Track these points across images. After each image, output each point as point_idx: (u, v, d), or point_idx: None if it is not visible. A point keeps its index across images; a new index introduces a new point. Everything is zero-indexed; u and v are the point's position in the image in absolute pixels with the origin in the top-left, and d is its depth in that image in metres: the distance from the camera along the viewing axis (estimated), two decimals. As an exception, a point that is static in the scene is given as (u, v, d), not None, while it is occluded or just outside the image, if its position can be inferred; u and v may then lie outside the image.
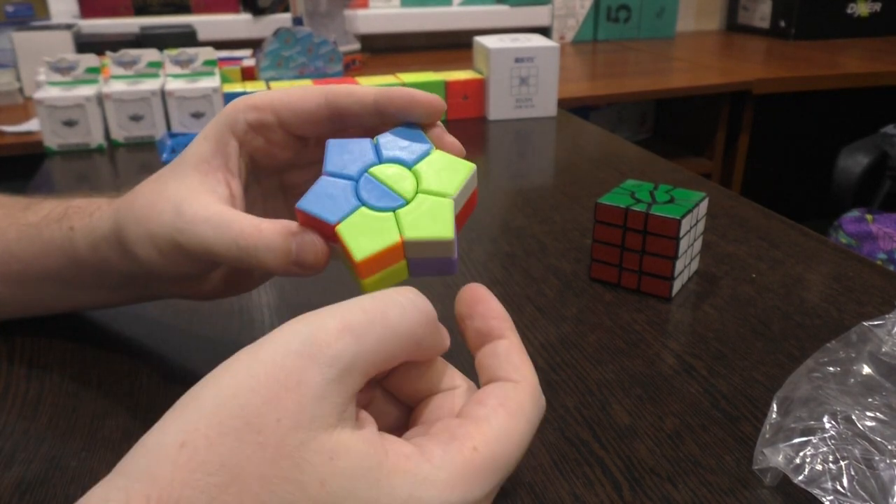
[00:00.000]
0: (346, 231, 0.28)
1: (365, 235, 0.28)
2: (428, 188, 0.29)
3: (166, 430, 0.20)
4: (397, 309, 0.23)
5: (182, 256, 0.32)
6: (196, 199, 0.31)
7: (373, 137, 0.31)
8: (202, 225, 0.31)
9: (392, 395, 0.28)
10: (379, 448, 0.21)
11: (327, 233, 0.29)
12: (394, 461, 0.21)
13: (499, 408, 0.24)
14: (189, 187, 0.32)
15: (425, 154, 0.31)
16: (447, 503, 0.21)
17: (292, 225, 0.29)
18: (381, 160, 0.30)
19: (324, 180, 0.29)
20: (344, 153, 0.31)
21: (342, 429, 0.21)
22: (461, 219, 0.31)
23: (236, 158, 0.33)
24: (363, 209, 0.28)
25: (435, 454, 0.22)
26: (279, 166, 0.36)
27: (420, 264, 0.29)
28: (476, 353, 0.28)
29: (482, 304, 0.28)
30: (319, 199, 0.29)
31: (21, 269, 0.39)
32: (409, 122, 0.32)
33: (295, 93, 0.32)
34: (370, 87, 0.32)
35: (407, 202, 0.29)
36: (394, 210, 0.29)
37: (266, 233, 0.29)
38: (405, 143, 0.31)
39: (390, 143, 0.31)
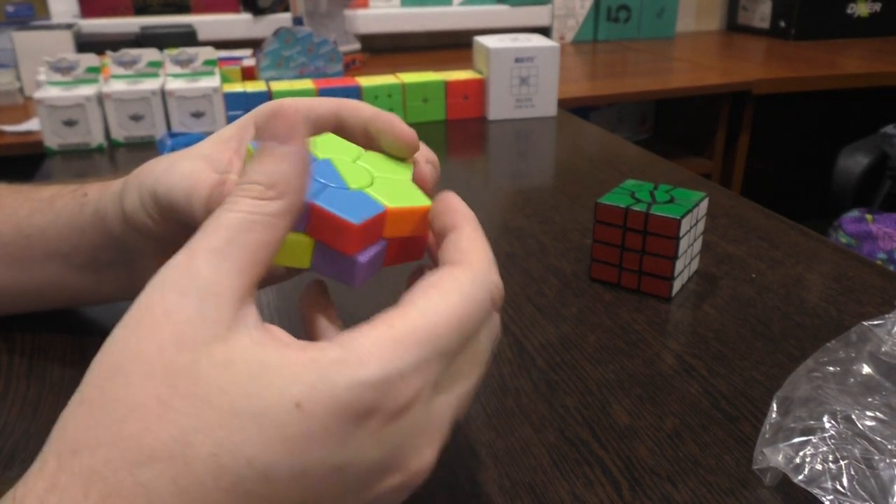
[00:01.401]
0: (326, 203, 0.26)
1: (351, 205, 0.26)
2: (371, 193, 0.28)
3: (70, 401, 0.21)
4: (236, 213, 0.23)
5: (154, 207, 0.33)
6: (191, 162, 0.33)
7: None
8: (174, 175, 0.32)
9: None
10: (275, 345, 0.21)
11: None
12: (293, 355, 0.21)
13: (428, 288, 0.24)
14: (191, 153, 0.34)
15: (359, 153, 0.31)
16: (360, 379, 0.21)
17: (230, 178, 0.31)
18: (319, 158, 0.30)
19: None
20: (331, 144, 0.31)
21: (234, 338, 0.21)
22: (393, 256, 0.29)
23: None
24: (330, 189, 0.27)
25: (345, 340, 0.22)
26: None
27: (324, 259, 0.27)
28: None
29: (445, 203, 0.30)
30: None
31: (25, 245, 0.40)
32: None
33: (315, 100, 0.34)
34: (370, 107, 0.34)
35: (346, 189, 0.28)
36: (325, 185, 0.27)
37: (203, 181, 0.31)
38: (335, 146, 0.31)
39: (319, 145, 0.31)
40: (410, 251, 0.31)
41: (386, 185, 0.29)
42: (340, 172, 0.29)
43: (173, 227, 0.34)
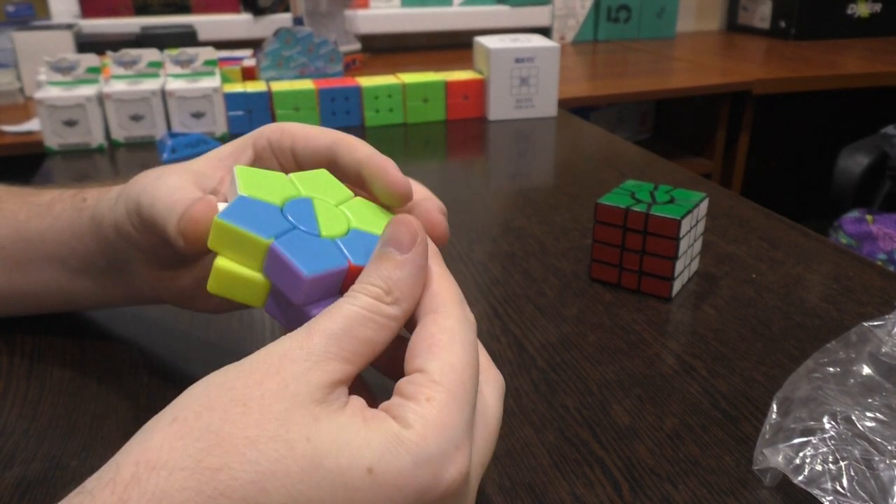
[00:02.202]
0: (286, 247, 0.26)
1: (311, 254, 0.26)
2: (343, 244, 0.27)
3: (161, 414, 0.22)
4: (355, 308, 0.24)
5: (137, 218, 0.33)
6: (178, 177, 0.32)
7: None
8: (160, 188, 0.32)
9: None
10: (355, 411, 0.23)
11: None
12: (371, 422, 0.22)
13: (432, 348, 0.25)
14: (184, 169, 0.33)
15: (346, 198, 0.30)
16: (426, 454, 0.22)
17: (208, 198, 0.30)
18: (301, 194, 0.29)
19: (242, 200, 0.28)
20: (258, 179, 0.29)
21: (328, 400, 0.22)
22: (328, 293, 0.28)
23: (246, 165, 0.35)
24: (298, 232, 0.27)
25: (399, 415, 0.23)
26: None
27: (277, 305, 0.27)
28: None
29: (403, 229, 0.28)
30: (242, 213, 0.27)
31: (24, 248, 0.40)
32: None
33: (315, 129, 0.34)
34: (368, 147, 0.32)
35: (316, 236, 0.27)
36: (294, 227, 0.27)
37: (178, 197, 0.30)
38: (323, 186, 0.30)
39: (307, 182, 0.30)
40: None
41: (360, 240, 0.28)
42: (317, 215, 0.28)
43: (154, 238, 0.33)
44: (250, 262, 0.27)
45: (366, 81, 0.92)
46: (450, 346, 0.25)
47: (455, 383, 0.24)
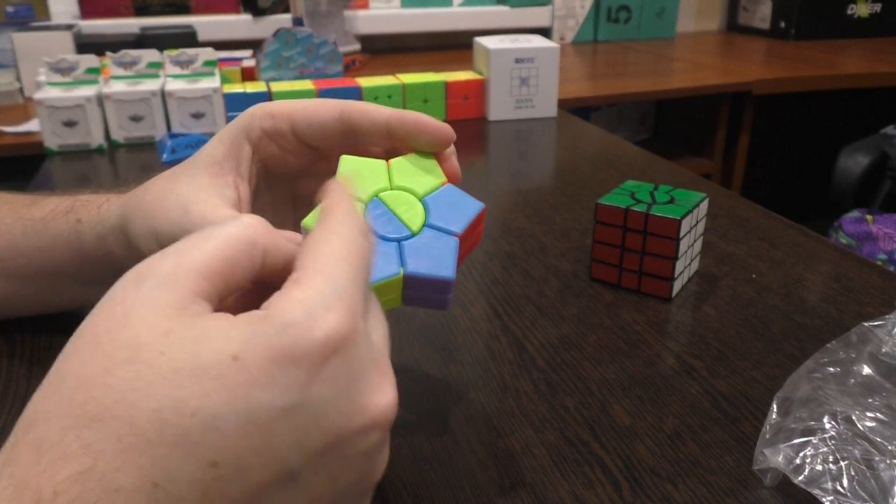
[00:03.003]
0: (416, 267, 0.28)
1: (432, 254, 0.28)
2: (435, 223, 0.30)
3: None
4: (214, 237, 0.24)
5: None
6: (204, 200, 0.32)
7: (387, 160, 0.32)
8: (206, 222, 0.31)
9: None
10: (217, 319, 0.22)
11: None
12: (235, 319, 0.22)
13: (307, 249, 0.24)
14: (198, 187, 0.33)
15: (436, 187, 0.31)
16: (288, 321, 0.22)
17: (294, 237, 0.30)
18: (392, 186, 0.31)
19: None
20: (356, 171, 0.31)
21: (179, 316, 0.22)
22: (463, 254, 0.31)
23: (248, 163, 0.34)
24: (403, 243, 0.29)
25: (268, 303, 0.23)
26: (292, 174, 0.37)
27: (415, 296, 0.29)
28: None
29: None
30: None
31: (25, 264, 0.40)
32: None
33: (311, 104, 0.33)
34: (384, 108, 0.32)
35: (413, 234, 0.29)
36: (398, 241, 0.29)
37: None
38: (418, 171, 0.31)
39: (403, 169, 0.31)
40: (471, 245, 0.32)
41: (438, 206, 0.30)
42: (396, 214, 0.30)
43: None
44: (391, 296, 0.29)
45: (366, 82, 0.92)
46: (326, 241, 0.24)
47: (326, 263, 0.23)
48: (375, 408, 0.23)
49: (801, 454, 0.31)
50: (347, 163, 0.31)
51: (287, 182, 0.37)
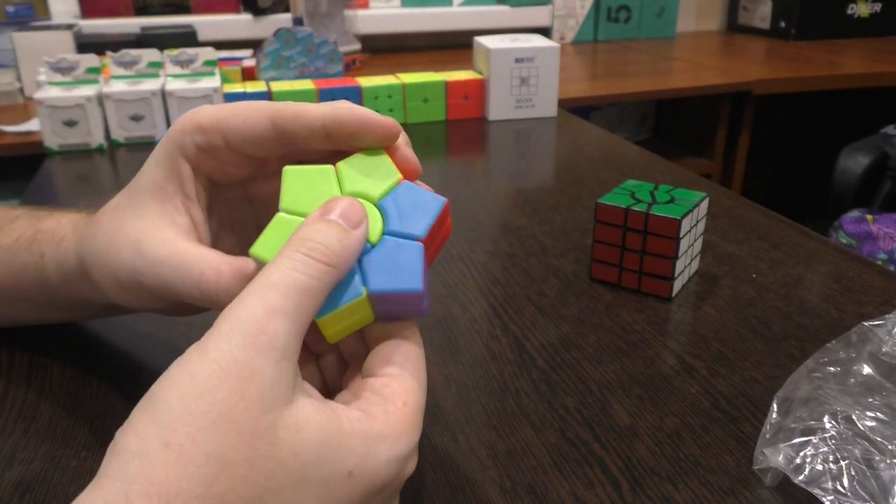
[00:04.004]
0: (379, 284, 0.27)
1: (395, 267, 0.27)
2: (394, 229, 0.27)
3: (143, 433, 0.22)
4: (305, 277, 0.25)
5: (147, 295, 0.31)
6: (155, 236, 0.30)
7: (334, 163, 0.29)
8: (162, 267, 0.30)
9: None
10: (332, 415, 0.24)
11: None
12: (348, 425, 0.24)
13: (406, 363, 0.27)
14: (148, 221, 0.31)
15: (391, 187, 0.28)
16: (398, 454, 0.25)
17: (248, 267, 0.29)
18: (343, 193, 0.28)
19: (279, 220, 0.28)
20: (302, 184, 0.28)
21: (297, 402, 0.24)
22: (432, 254, 0.29)
23: (192, 181, 0.32)
24: (364, 256, 0.27)
25: (377, 415, 0.25)
26: (240, 181, 0.34)
27: (386, 311, 0.28)
28: None
29: None
30: (275, 245, 0.27)
31: (1, 292, 0.39)
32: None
33: (241, 112, 0.30)
34: (320, 107, 0.29)
35: (371, 246, 0.27)
36: (385, 232, 0.27)
37: (225, 278, 0.29)
38: (369, 172, 0.29)
39: (353, 172, 0.29)
40: (440, 241, 0.31)
41: (398, 208, 0.28)
42: None
43: (157, 296, 0.32)
44: (360, 315, 0.28)
45: (366, 81, 0.92)
46: (420, 368, 0.28)
47: (422, 397, 0.27)
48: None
49: (802, 454, 0.31)
50: (290, 175, 0.28)
51: (239, 186, 0.35)
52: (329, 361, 0.32)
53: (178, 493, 0.21)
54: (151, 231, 0.31)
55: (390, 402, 0.26)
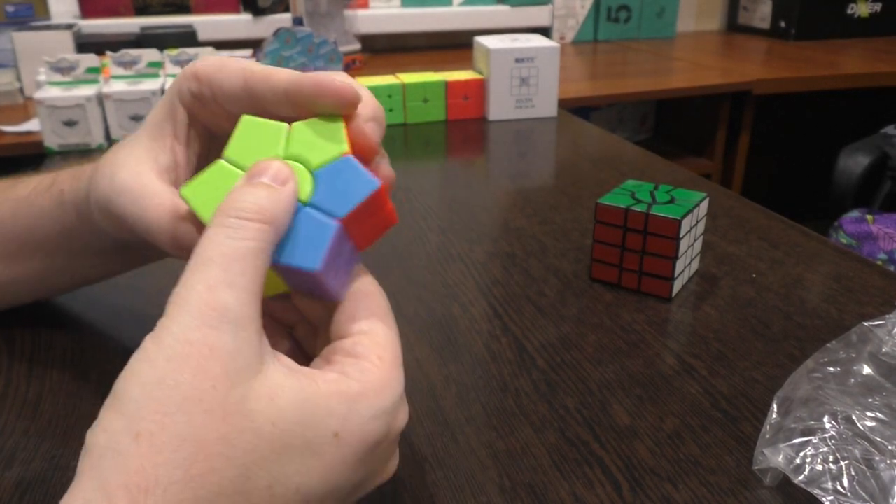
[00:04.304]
0: (282, 253, 0.26)
1: (303, 243, 0.26)
2: (318, 203, 0.27)
3: (111, 428, 0.21)
4: (240, 242, 0.24)
5: (118, 223, 0.33)
6: (130, 167, 0.32)
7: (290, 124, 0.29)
8: (125, 195, 0.31)
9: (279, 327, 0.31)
10: (307, 380, 0.24)
11: None
12: (325, 387, 0.24)
13: (372, 317, 0.27)
14: (134, 154, 0.32)
15: (333, 158, 0.27)
16: (382, 408, 0.25)
17: (181, 208, 0.29)
18: (285, 154, 0.28)
19: (218, 166, 0.28)
20: (252, 136, 0.28)
21: (267, 371, 0.23)
22: (363, 239, 0.28)
23: (185, 126, 0.33)
24: None
25: (353, 374, 0.25)
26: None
27: (296, 283, 0.27)
28: None
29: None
30: (204, 189, 0.27)
31: (17, 248, 0.40)
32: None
33: (225, 69, 0.31)
34: (287, 72, 0.29)
35: (313, 181, 0.27)
36: (307, 204, 0.27)
37: (164, 213, 0.30)
38: (318, 138, 0.28)
39: (303, 135, 0.28)
40: (378, 226, 0.29)
41: (331, 182, 0.27)
42: None
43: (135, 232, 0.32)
44: (271, 282, 0.27)
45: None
46: (387, 318, 0.28)
47: (396, 347, 0.27)
48: (391, 470, 0.28)
49: (802, 454, 0.31)
50: (244, 125, 0.28)
51: None
52: (303, 331, 0.31)
53: (157, 481, 0.20)
54: (130, 163, 0.32)
55: (364, 360, 0.26)
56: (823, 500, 0.30)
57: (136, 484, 0.20)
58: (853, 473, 0.30)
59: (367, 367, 0.25)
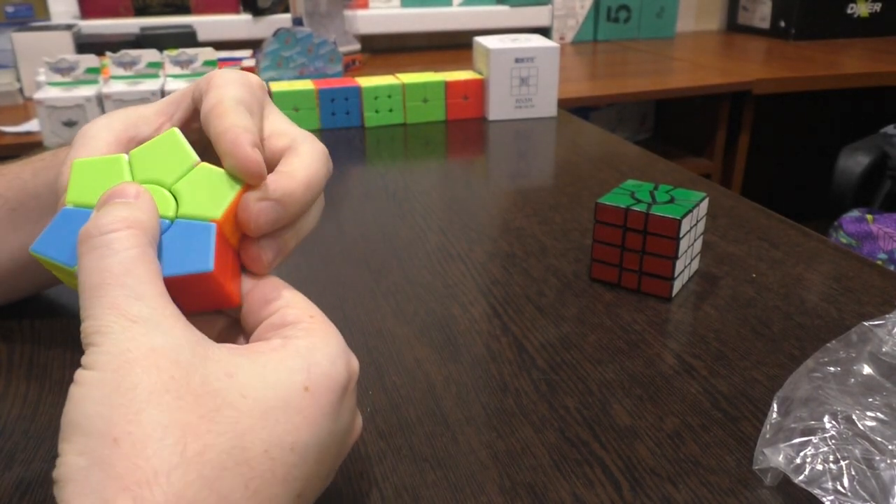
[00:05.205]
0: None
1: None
2: (187, 213, 0.26)
3: (84, 449, 0.20)
4: (119, 255, 0.24)
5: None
6: (106, 124, 0.32)
7: (126, 153, 0.28)
8: (79, 137, 0.31)
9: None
10: (254, 352, 0.24)
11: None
12: (275, 354, 0.24)
13: (284, 291, 0.28)
14: (124, 114, 0.32)
15: (186, 170, 0.27)
16: (335, 352, 0.26)
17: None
18: (134, 180, 0.27)
19: (64, 213, 0.27)
20: (91, 176, 0.27)
21: (214, 354, 0.23)
22: (194, 306, 0.27)
23: (184, 114, 0.33)
24: None
25: (296, 335, 0.26)
26: None
27: (190, 301, 0.26)
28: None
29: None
30: (55, 238, 0.26)
31: (36, 206, 0.41)
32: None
33: (214, 89, 0.30)
34: (230, 121, 0.28)
35: (163, 231, 0.26)
36: None
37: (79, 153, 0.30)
38: (162, 158, 0.27)
39: (145, 159, 0.27)
40: (211, 301, 0.27)
41: (191, 190, 0.27)
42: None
43: None
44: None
45: (365, 82, 0.92)
46: (294, 291, 0.28)
47: (315, 306, 0.28)
48: (359, 427, 0.29)
49: (802, 454, 0.31)
50: (78, 168, 0.28)
51: None
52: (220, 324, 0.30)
53: (156, 472, 0.19)
54: (98, 124, 0.32)
55: (300, 323, 0.26)
56: (824, 499, 0.30)
57: (134, 482, 0.19)
58: (853, 473, 0.30)
59: (304, 325, 0.26)
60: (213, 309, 0.29)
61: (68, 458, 0.20)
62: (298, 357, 0.24)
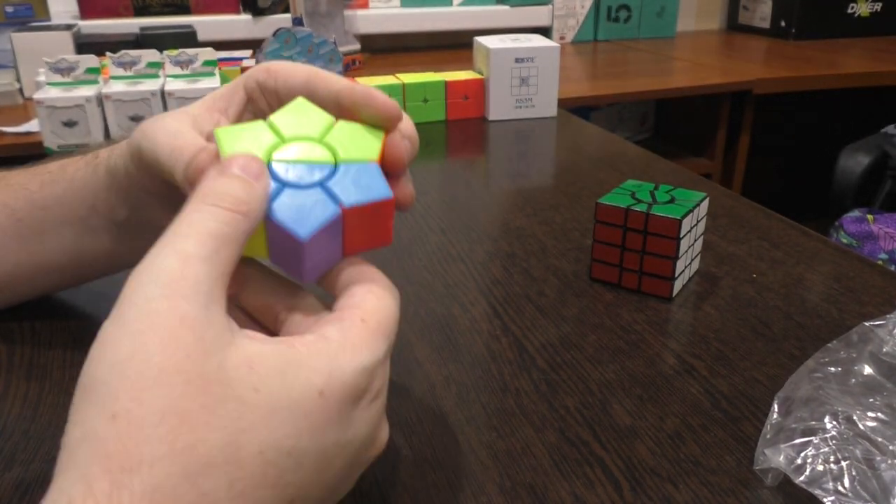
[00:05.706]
0: (281, 213, 0.26)
1: (303, 212, 0.26)
2: (330, 186, 0.27)
3: (83, 418, 0.20)
4: (217, 224, 0.24)
5: (139, 162, 0.34)
6: (178, 122, 0.32)
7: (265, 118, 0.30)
8: (160, 133, 0.32)
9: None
10: (285, 344, 0.24)
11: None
12: (304, 349, 0.24)
13: (369, 291, 0.27)
14: (174, 115, 0.33)
15: (361, 160, 0.29)
16: (362, 364, 0.24)
17: (207, 146, 0.30)
18: (283, 140, 0.29)
19: (258, 123, 0.29)
20: (299, 114, 0.29)
21: (239, 341, 0.23)
22: (353, 244, 0.29)
23: (238, 108, 0.34)
24: (288, 190, 0.27)
25: (332, 333, 0.25)
26: None
27: (276, 250, 0.27)
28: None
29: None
30: (236, 136, 0.28)
31: (41, 217, 0.40)
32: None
33: (291, 67, 0.33)
34: (342, 79, 0.32)
35: (331, 173, 0.28)
36: (320, 183, 0.27)
37: (180, 141, 0.30)
38: (303, 118, 0.29)
39: (343, 130, 0.30)
40: (372, 237, 0.29)
41: (341, 142, 0.29)
42: (305, 161, 0.28)
43: (160, 181, 0.33)
44: (256, 242, 0.27)
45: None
46: (387, 292, 0.27)
47: (386, 319, 0.26)
48: (381, 443, 0.27)
49: (803, 454, 0.31)
50: (299, 103, 0.30)
51: None
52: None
53: (141, 459, 0.19)
54: (169, 121, 0.32)
55: (346, 321, 0.25)
56: (824, 500, 0.30)
57: (119, 466, 0.19)
58: (854, 473, 0.30)
59: (346, 326, 0.25)
60: (372, 248, 0.29)
61: (69, 427, 0.20)
62: (323, 358, 0.24)
